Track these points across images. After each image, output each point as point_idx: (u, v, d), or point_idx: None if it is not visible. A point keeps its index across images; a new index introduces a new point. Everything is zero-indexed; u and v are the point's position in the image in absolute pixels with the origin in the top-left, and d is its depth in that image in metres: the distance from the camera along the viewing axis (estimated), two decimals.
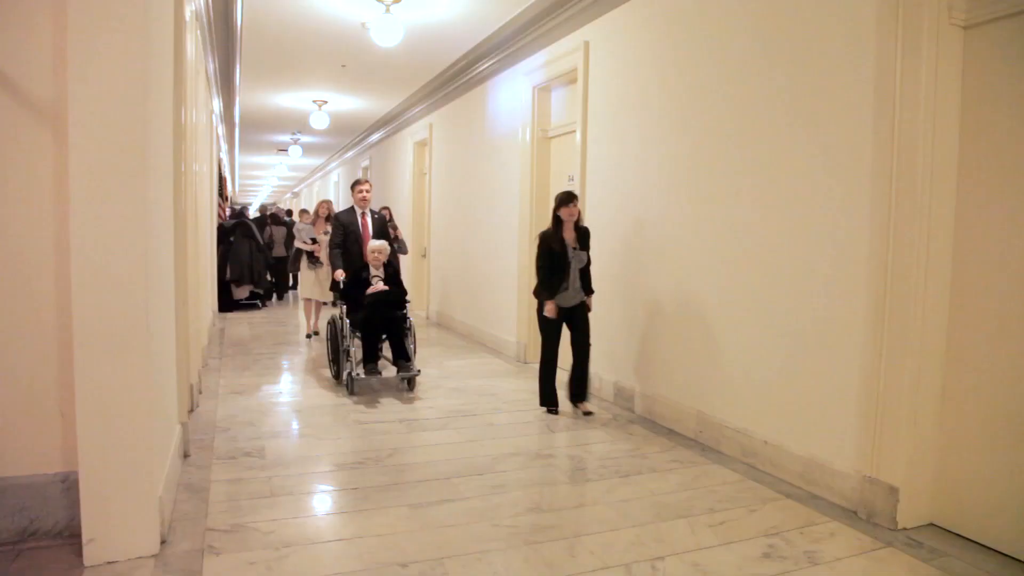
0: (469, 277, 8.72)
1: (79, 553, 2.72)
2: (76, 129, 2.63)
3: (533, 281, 7.13)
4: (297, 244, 9.10)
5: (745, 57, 4.12)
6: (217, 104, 9.72)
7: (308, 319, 8.84)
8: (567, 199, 4.99)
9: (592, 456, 4.22)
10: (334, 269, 6.15)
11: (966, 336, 3.16)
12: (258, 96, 10.48)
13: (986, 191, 3.08)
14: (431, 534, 3.12)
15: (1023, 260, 2.93)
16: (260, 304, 11.76)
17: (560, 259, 4.97)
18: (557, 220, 5.00)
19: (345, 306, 5.99)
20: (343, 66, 8.57)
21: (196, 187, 5.77)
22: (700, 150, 4.50)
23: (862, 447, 3.40)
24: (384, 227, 6.60)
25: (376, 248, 6.01)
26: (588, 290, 5.11)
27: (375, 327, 5.76)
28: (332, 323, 6.18)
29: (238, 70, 8.57)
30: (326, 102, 10.76)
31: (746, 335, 4.11)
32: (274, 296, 13.04)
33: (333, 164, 19.61)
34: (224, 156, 14.48)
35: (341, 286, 6.05)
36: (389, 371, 6.00)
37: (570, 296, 5.01)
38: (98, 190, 2.65)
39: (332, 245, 6.30)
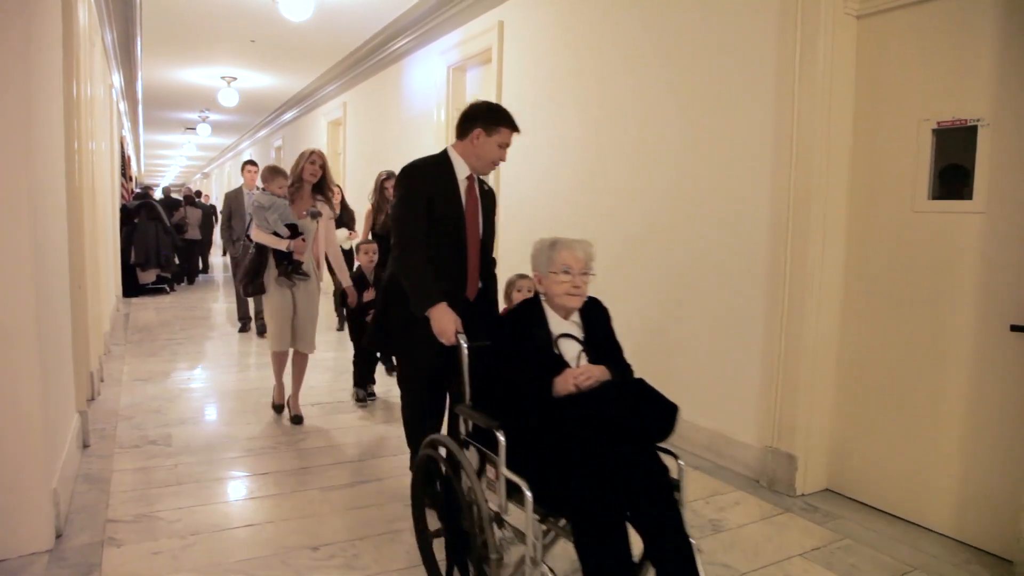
0: None
1: None
2: None
3: None
4: (256, 235, 4.28)
5: (654, 43, 4.19)
6: (117, 78, 9.24)
7: (278, 379, 4.56)
8: None
9: None
10: (435, 315, 2.59)
11: (857, 314, 3.34)
12: (162, 71, 10.02)
13: (875, 176, 3.25)
14: (343, 516, 3.10)
15: (908, 240, 3.11)
16: (168, 288, 11.32)
17: None
18: None
19: (494, 430, 2.14)
20: (252, 41, 8.28)
21: (93, 166, 5.50)
22: (610, 134, 4.56)
23: (764, 419, 3.55)
24: (493, 216, 3.15)
25: (579, 258, 2.43)
26: None
27: (617, 503, 2.00)
28: (444, 475, 2.36)
29: (139, 42, 8.15)
30: (235, 79, 10.39)
31: (654, 316, 4.21)
32: (184, 280, 12.58)
33: (245, 143, 18.99)
34: (127, 134, 13.82)
35: (463, 362, 2.43)
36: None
37: None
38: None
39: (405, 242, 2.77)
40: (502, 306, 3.05)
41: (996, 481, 2.82)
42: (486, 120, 2.88)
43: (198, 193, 16.87)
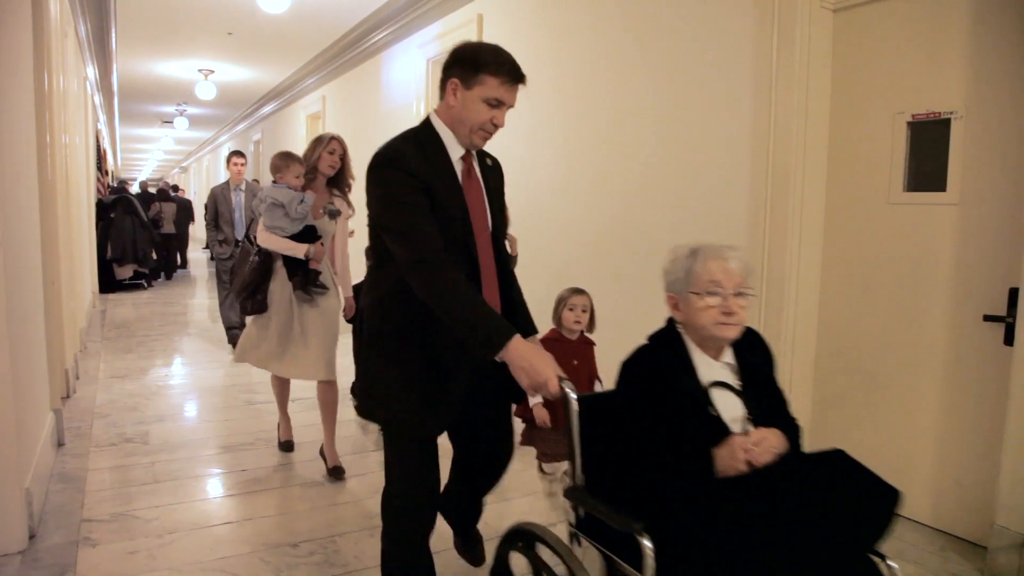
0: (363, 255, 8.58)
1: None
2: None
3: None
4: (265, 240, 3.51)
5: (633, 35, 4.18)
6: (91, 71, 9.11)
7: (282, 410, 3.97)
8: None
9: None
10: (519, 358, 1.69)
11: (834, 306, 3.36)
12: (138, 64, 9.87)
13: (852, 168, 3.27)
14: (323, 512, 3.08)
15: (884, 231, 3.14)
16: (146, 284, 11.20)
17: None
18: None
19: (636, 535, 1.48)
20: (229, 33, 8.19)
21: (67, 159, 5.42)
22: (588, 127, 4.56)
23: None
24: (503, 197, 2.29)
25: (732, 271, 1.75)
26: None
27: None
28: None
29: (114, 34, 8.03)
30: (212, 72, 10.26)
31: (631, 310, 4.22)
32: (162, 275, 12.45)
33: (223, 137, 18.80)
34: (103, 127, 13.64)
35: (573, 423, 1.71)
36: None
37: None
38: None
39: (431, 257, 1.84)
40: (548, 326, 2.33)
41: (971, 469, 2.86)
42: (463, 64, 1.95)
43: (175, 187, 16.72)
